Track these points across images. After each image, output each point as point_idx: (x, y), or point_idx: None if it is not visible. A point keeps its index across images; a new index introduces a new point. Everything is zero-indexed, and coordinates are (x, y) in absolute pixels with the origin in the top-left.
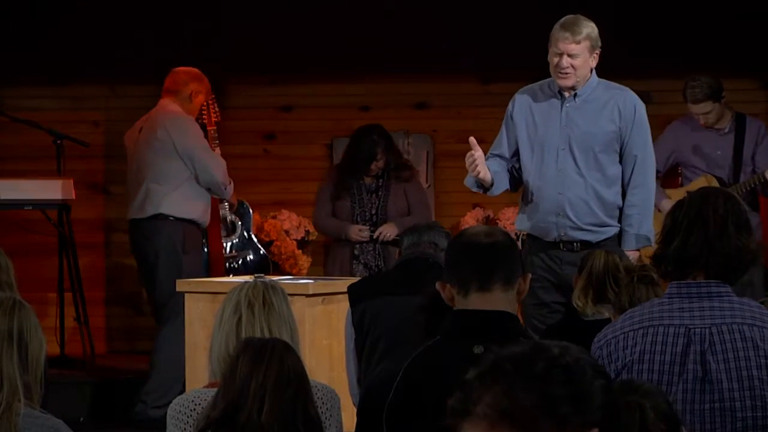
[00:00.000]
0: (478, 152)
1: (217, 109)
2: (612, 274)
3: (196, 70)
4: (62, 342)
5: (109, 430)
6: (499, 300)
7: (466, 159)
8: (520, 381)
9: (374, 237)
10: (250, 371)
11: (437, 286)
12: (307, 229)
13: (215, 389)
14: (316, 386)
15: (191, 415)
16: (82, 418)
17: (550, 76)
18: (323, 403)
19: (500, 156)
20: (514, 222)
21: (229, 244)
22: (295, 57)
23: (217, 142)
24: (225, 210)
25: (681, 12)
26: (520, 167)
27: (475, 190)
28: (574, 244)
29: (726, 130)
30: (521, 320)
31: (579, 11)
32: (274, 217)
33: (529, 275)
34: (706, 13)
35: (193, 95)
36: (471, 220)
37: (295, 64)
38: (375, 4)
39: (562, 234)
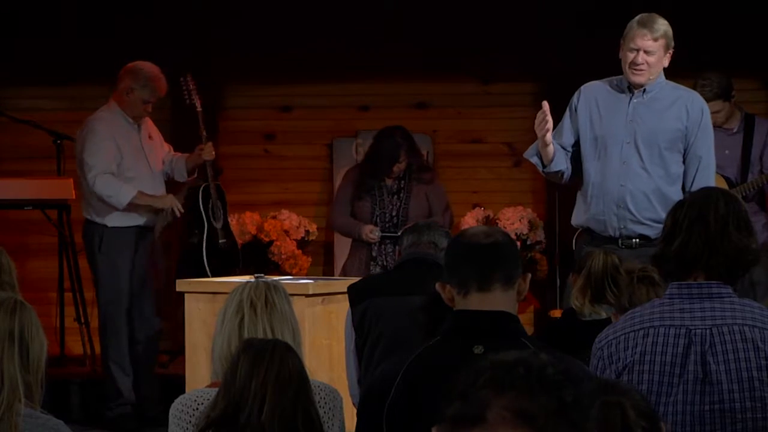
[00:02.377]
0: (549, 118)
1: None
2: (611, 275)
3: (138, 64)
4: (62, 342)
5: (108, 429)
6: (499, 300)
7: (537, 116)
8: (536, 385)
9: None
10: (250, 371)
11: (437, 286)
12: (307, 229)
13: (217, 389)
14: (318, 386)
15: (194, 415)
16: None
17: (548, 75)
18: (326, 403)
19: (560, 145)
20: (514, 222)
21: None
22: (295, 57)
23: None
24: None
25: (682, 12)
26: (577, 159)
27: (533, 161)
28: (634, 240)
29: (735, 130)
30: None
31: (578, 12)
32: (274, 217)
33: (529, 275)
34: (706, 13)
35: (127, 91)
36: (471, 220)
37: (295, 64)
38: (375, 4)
39: (622, 227)
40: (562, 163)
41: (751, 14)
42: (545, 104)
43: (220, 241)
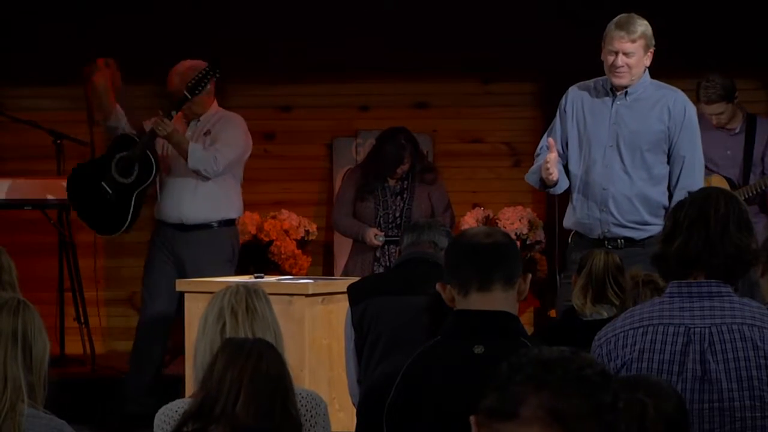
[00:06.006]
0: (552, 154)
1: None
2: (612, 274)
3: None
4: (62, 342)
5: (108, 430)
6: (500, 300)
7: (542, 166)
8: (572, 385)
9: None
10: (227, 365)
11: (437, 287)
12: (307, 229)
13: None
14: (299, 393)
15: (171, 424)
16: None
17: (548, 75)
18: (307, 411)
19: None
20: (514, 222)
21: None
22: (295, 57)
23: None
24: None
25: (682, 12)
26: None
27: (537, 187)
28: (618, 241)
29: (737, 131)
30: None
31: (579, 12)
32: (274, 217)
33: (529, 275)
34: (707, 14)
35: None
36: (471, 220)
37: (295, 64)
38: (375, 4)
39: (606, 230)
40: (566, 182)
41: (752, 15)
42: (551, 141)
43: (111, 190)
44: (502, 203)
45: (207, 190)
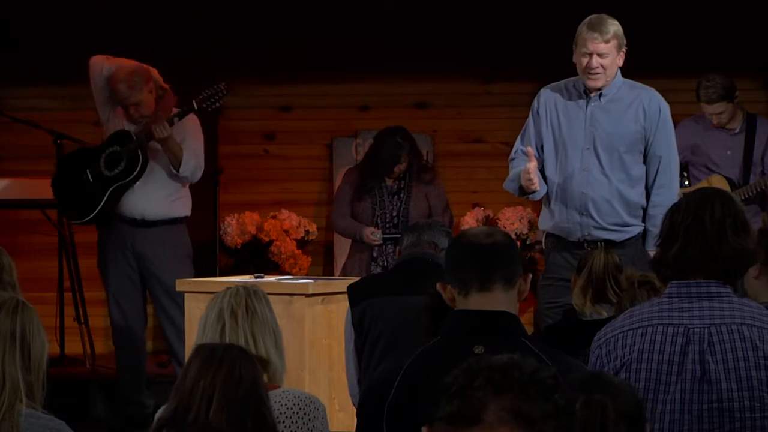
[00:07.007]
0: (532, 163)
1: None
2: (612, 274)
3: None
4: (62, 342)
5: (108, 430)
6: (500, 300)
7: (522, 176)
8: (532, 388)
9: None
10: (199, 372)
11: (438, 287)
12: (307, 229)
13: None
14: (298, 395)
15: None
16: None
17: (548, 75)
18: (305, 414)
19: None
20: (514, 222)
21: None
22: (295, 57)
23: None
24: None
25: (682, 11)
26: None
27: (517, 195)
28: (599, 243)
29: (737, 130)
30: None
31: (579, 11)
32: (274, 217)
33: (530, 275)
34: (706, 13)
35: None
36: (471, 220)
37: (295, 64)
38: (375, 4)
39: (586, 234)
40: (544, 188)
41: (751, 14)
42: (529, 150)
43: (92, 178)
44: (502, 203)
45: (171, 188)
